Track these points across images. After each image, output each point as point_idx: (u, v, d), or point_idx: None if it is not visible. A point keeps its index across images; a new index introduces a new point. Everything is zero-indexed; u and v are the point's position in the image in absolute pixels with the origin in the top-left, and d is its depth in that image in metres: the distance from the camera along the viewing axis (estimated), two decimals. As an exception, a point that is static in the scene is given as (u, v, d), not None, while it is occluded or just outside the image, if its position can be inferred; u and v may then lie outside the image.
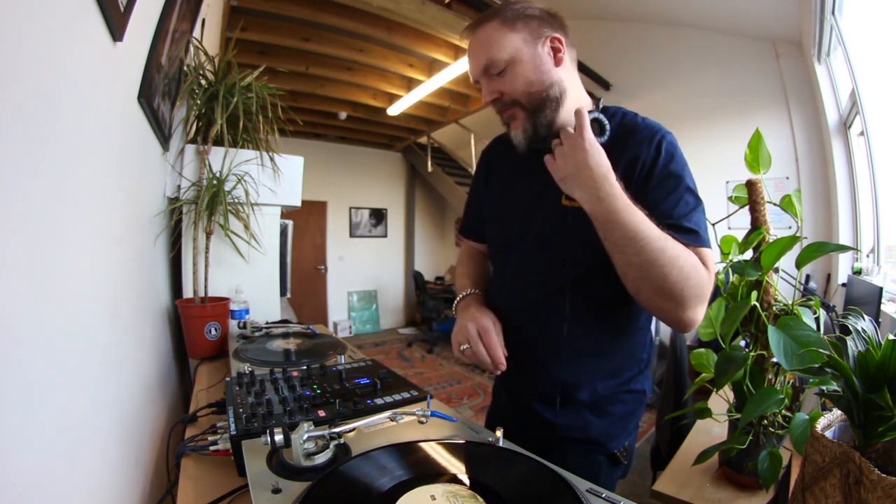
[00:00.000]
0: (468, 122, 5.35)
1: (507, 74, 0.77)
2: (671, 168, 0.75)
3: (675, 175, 0.74)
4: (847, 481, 0.40)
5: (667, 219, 0.71)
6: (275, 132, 1.64)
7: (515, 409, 0.92)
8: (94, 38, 0.71)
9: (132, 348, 0.94)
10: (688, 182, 0.75)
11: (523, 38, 0.77)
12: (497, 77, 0.78)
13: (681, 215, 0.72)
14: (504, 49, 0.76)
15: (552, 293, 0.82)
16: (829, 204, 3.23)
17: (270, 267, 1.68)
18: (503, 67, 0.77)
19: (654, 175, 0.74)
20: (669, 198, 0.73)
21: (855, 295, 2.28)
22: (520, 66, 0.76)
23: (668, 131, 0.79)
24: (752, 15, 3.42)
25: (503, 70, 0.77)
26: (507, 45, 0.76)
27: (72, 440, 0.58)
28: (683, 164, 0.77)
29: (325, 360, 1.05)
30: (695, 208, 0.74)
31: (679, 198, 0.73)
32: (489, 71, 0.78)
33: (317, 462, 0.55)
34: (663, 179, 0.74)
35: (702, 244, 0.72)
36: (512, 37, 0.76)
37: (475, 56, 0.79)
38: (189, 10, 1.42)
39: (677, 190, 0.74)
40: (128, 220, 0.98)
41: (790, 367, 0.63)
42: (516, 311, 0.87)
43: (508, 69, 0.76)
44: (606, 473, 0.85)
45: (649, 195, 0.73)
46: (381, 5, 2.92)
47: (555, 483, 0.51)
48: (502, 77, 0.78)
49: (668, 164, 0.75)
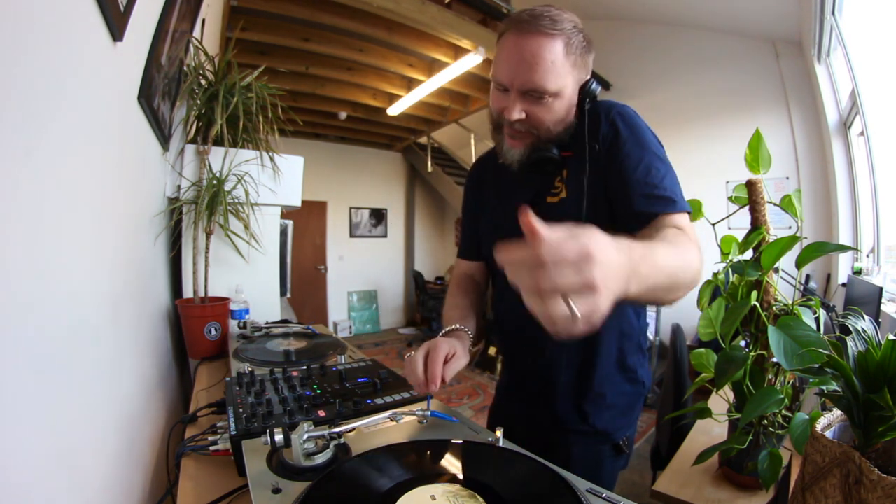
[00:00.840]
0: (468, 122, 5.35)
1: (544, 104, 0.73)
2: (634, 137, 0.74)
3: (640, 144, 0.74)
4: (847, 481, 0.40)
5: (640, 188, 0.70)
6: (275, 132, 1.64)
7: (518, 406, 0.93)
8: (94, 38, 0.71)
9: (132, 348, 0.94)
10: (653, 148, 0.74)
11: (574, 78, 0.74)
12: (531, 98, 0.73)
13: (654, 184, 0.71)
14: (556, 83, 0.71)
15: None
16: (829, 204, 3.23)
17: (270, 267, 1.68)
18: (543, 98, 0.73)
19: (618, 148, 0.74)
20: (639, 168, 0.72)
21: (855, 295, 2.28)
22: (559, 102, 0.74)
23: (623, 104, 0.78)
24: (752, 15, 3.42)
25: (542, 98, 0.73)
26: (559, 81, 0.72)
27: (72, 440, 0.58)
28: (644, 129, 0.76)
29: (325, 360, 1.05)
30: (665, 174, 0.72)
31: (648, 166, 0.72)
32: (528, 92, 0.73)
33: (317, 462, 0.55)
34: (629, 151, 0.73)
35: (680, 209, 0.70)
36: (568, 72, 0.72)
37: (521, 67, 0.71)
38: (189, 10, 1.42)
39: (644, 159, 0.73)
40: (128, 220, 0.98)
41: (790, 367, 0.63)
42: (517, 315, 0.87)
43: (547, 100, 0.73)
44: (610, 463, 0.87)
45: (618, 170, 0.73)
46: (381, 5, 2.92)
47: (555, 483, 0.51)
48: (537, 103, 0.73)
49: (629, 134, 0.74)
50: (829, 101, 3.15)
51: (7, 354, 0.43)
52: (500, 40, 0.75)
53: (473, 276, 1.01)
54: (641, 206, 0.70)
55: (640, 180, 0.71)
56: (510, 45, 0.72)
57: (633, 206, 0.71)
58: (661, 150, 0.75)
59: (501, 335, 0.96)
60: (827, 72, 3.16)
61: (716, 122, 3.81)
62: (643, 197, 0.70)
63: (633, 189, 0.71)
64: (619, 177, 0.73)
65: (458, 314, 0.89)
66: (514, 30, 0.72)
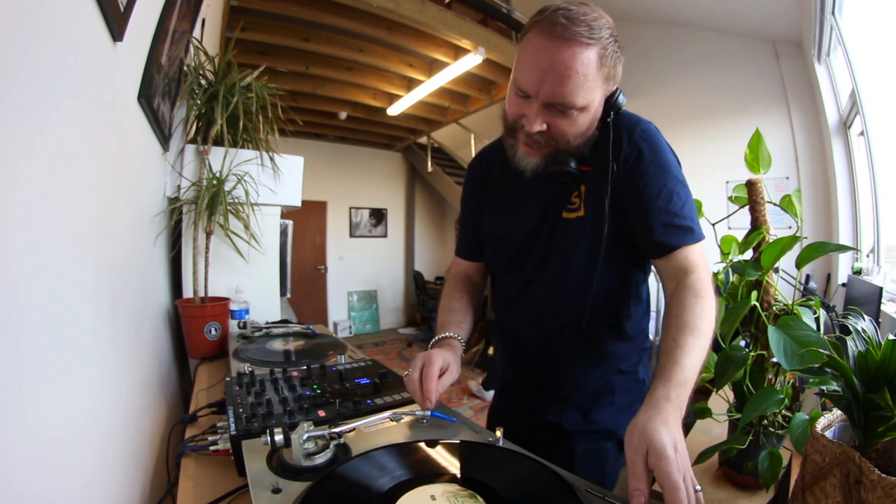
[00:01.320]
0: (468, 122, 5.34)
1: (568, 118, 0.68)
2: (657, 161, 0.73)
3: (662, 168, 0.72)
4: (847, 481, 0.40)
5: (661, 217, 0.71)
6: (275, 132, 1.65)
7: (522, 407, 0.93)
8: (94, 38, 0.71)
9: (132, 348, 0.94)
10: (675, 172, 0.73)
11: (603, 91, 0.69)
12: (555, 111, 0.68)
13: (674, 212, 0.71)
14: (585, 98, 0.66)
15: (563, 308, 0.82)
16: (829, 204, 3.23)
17: (270, 267, 1.68)
18: (569, 112, 0.68)
19: (640, 172, 0.72)
20: (661, 195, 0.71)
21: (855, 295, 2.28)
22: (584, 116, 0.69)
23: (647, 121, 0.76)
24: (752, 15, 3.42)
25: (567, 112, 0.68)
26: (589, 96, 0.67)
27: (72, 440, 0.58)
28: (666, 150, 0.74)
29: (325, 360, 1.05)
30: (686, 199, 0.72)
31: (671, 193, 0.72)
32: (553, 105, 0.67)
33: (317, 462, 0.55)
34: (652, 176, 0.72)
35: (698, 239, 0.72)
36: (598, 86, 0.67)
37: (549, 77, 0.64)
38: (189, 10, 1.42)
39: (666, 185, 0.72)
40: (128, 220, 0.98)
41: (790, 367, 0.63)
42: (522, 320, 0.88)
43: (572, 113, 0.68)
44: (613, 459, 0.87)
45: (639, 194, 0.72)
46: (381, 5, 2.92)
47: (555, 483, 0.51)
48: (561, 116, 0.68)
49: (652, 158, 0.73)
50: (829, 101, 3.15)
51: (6, 354, 0.43)
52: (525, 38, 0.68)
53: (471, 276, 0.98)
54: (662, 237, 0.71)
55: (661, 208, 0.71)
56: (539, 48, 0.64)
57: (654, 234, 0.71)
58: (680, 171, 0.74)
59: (505, 339, 0.95)
60: (827, 72, 3.16)
61: (716, 122, 3.81)
62: (664, 226, 0.70)
63: (654, 217, 0.71)
64: (640, 202, 0.72)
65: (452, 319, 0.86)
66: (545, 32, 0.64)
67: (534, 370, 0.90)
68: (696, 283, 0.67)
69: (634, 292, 0.84)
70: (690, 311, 0.63)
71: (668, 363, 0.57)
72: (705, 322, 0.63)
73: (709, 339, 0.62)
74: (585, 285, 0.78)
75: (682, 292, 0.67)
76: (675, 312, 0.64)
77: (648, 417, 0.50)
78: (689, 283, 0.67)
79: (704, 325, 0.62)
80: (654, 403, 0.52)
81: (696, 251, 0.72)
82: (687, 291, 0.66)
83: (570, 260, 0.79)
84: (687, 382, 0.56)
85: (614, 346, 0.85)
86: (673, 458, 0.46)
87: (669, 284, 0.72)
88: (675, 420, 0.51)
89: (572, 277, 0.79)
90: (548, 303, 0.83)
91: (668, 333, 0.63)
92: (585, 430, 0.86)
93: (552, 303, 0.82)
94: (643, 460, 0.47)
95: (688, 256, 0.71)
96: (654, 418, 0.50)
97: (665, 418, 0.50)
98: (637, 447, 0.48)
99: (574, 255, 0.78)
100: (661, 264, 0.73)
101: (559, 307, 0.82)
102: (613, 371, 0.86)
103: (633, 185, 0.73)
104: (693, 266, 0.70)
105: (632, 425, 0.51)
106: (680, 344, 0.59)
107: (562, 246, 0.80)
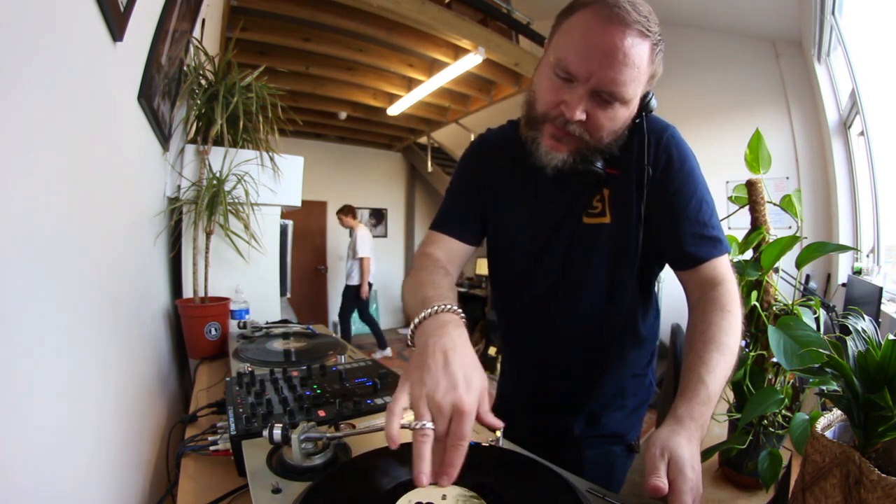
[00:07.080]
0: (468, 122, 5.34)
1: (611, 111, 0.64)
2: (686, 168, 0.71)
3: (692, 175, 0.71)
4: (847, 481, 0.40)
5: (691, 227, 0.69)
6: (275, 132, 1.64)
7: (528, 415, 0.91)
8: (94, 38, 0.71)
9: (132, 348, 0.94)
10: (702, 181, 0.72)
11: (644, 85, 0.66)
12: (599, 100, 0.63)
13: (704, 222, 0.69)
14: (634, 91, 0.63)
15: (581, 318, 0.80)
16: (829, 204, 3.22)
17: (270, 267, 1.68)
18: (613, 104, 0.63)
19: (669, 179, 0.70)
20: (691, 204, 0.70)
21: (855, 295, 2.28)
22: (624, 111, 0.65)
23: (673, 126, 0.74)
24: (752, 15, 3.41)
25: (611, 103, 0.63)
26: (637, 88, 0.63)
27: (72, 440, 0.58)
28: (692, 157, 0.73)
29: (325, 360, 1.05)
30: (713, 209, 0.71)
31: (700, 202, 0.70)
32: (600, 93, 0.62)
33: (317, 462, 0.55)
34: (682, 183, 0.70)
35: (725, 250, 0.70)
36: (644, 82, 0.64)
37: (606, 61, 0.59)
38: (189, 10, 1.42)
39: (696, 193, 0.70)
40: (128, 220, 0.98)
41: (790, 367, 0.63)
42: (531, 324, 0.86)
43: (616, 106, 0.64)
44: (621, 463, 0.86)
45: (668, 202, 0.70)
46: (381, 5, 2.92)
47: (555, 483, 0.51)
48: (603, 107, 0.63)
49: (682, 165, 0.71)
50: (829, 101, 3.15)
51: (6, 354, 0.43)
52: (573, 16, 0.62)
53: (446, 266, 0.76)
54: (691, 248, 0.69)
55: (691, 218, 0.69)
56: (597, 29, 0.59)
57: (684, 245, 0.69)
58: (702, 175, 0.73)
59: (513, 348, 0.93)
60: (827, 72, 3.16)
61: (716, 122, 3.80)
62: (693, 237, 0.69)
63: (684, 227, 0.69)
64: (670, 210, 0.70)
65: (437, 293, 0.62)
66: (602, 14, 0.59)
67: (545, 381, 0.88)
68: (723, 295, 0.65)
69: (648, 296, 0.83)
70: (717, 327, 0.61)
71: (692, 380, 0.56)
72: (731, 337, 0.61)
73: (734, 356, 0.60)
74: (610, 296, 0.76)
75: (708, 305, 0.65)
76: (702, 328, 0.62)
77: (672, 431, 0.50)
78: (715, 296, 0.65)
79: (731, 340, 0.61)
80: (677, 419, 0.52)
81: (724, 262, 0.70)
82: (713, 305, 0.64)
83: (592, 268, 0.76)
84: (710, 401, 0.55)
85: (630, 352, 0.84)
86: (690, 477, 0.46)
87: (694, 295, 0.70)
88: (697, 440, 0.51)
89: (593, 287, 0.77)
90: (566, 313, 0.80)
91: (692, 349, 0.61)
92: (593, 434, 0.84)
93: (570, 313, 0.80)
94: (665, 465, 0.46)
95: (716, 267, 0.69)
96: (679, 433, 0.49)
97: (689, 436, 0.50)
98: (660, 455, 0.47)
99: (596, 264, 0.76)
100: (687, 275, 0.71)
101: (577, 317, 0.80)
102: (628, 376, 0.86)
103: (661, 191, 0.71)
104: (720, 278, 0.68)
105: (654, 436, 0.50)
106: (705, 360, 0.58)
107: (582, 253, 0.77)
